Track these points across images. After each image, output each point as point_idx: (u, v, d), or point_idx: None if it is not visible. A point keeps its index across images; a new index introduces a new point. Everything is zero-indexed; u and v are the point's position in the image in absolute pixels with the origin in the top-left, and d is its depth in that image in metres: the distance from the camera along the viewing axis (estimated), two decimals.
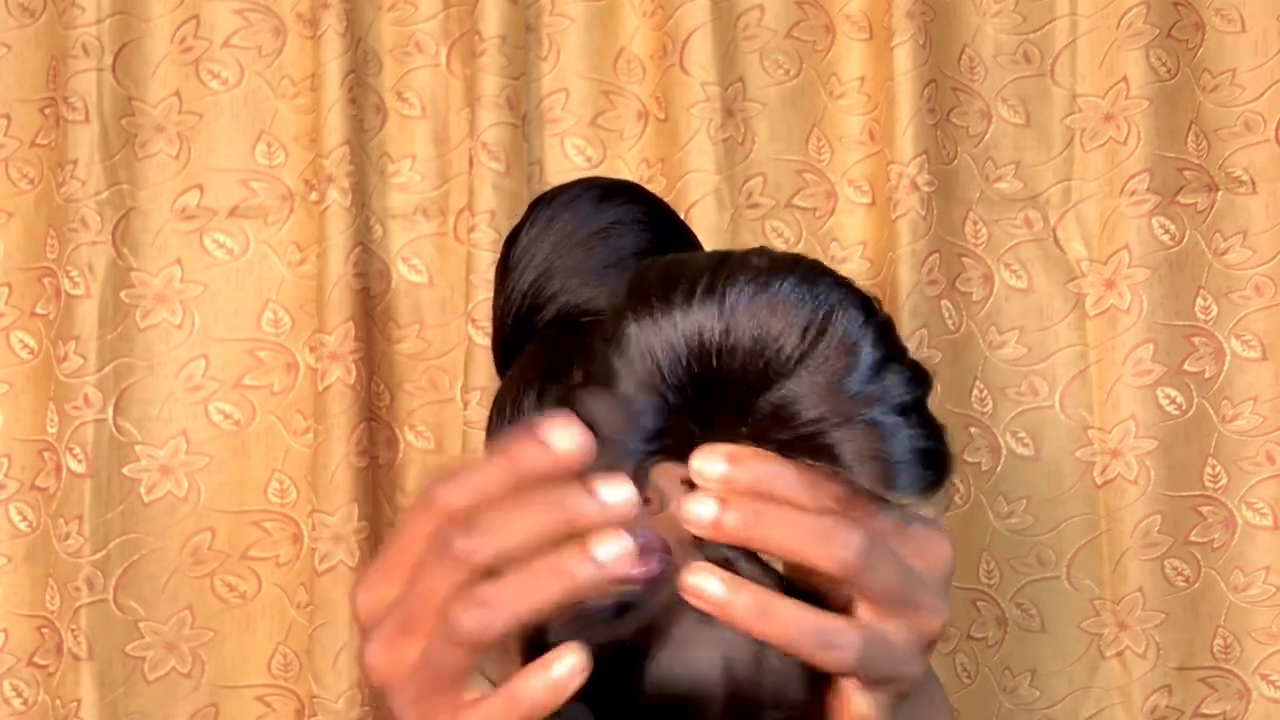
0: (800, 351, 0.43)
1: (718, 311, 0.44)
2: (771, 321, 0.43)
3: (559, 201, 0.84)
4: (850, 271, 1.24)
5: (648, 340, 0.44)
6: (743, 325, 0.43)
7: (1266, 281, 1.26)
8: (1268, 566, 1.24)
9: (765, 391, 0.43)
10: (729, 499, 0.43)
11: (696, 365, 0.44)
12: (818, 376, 0.43)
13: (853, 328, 0.44)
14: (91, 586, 1.16)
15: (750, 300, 0.43)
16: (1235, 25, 1.28)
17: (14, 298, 1.23)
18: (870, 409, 0.43)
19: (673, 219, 0.87)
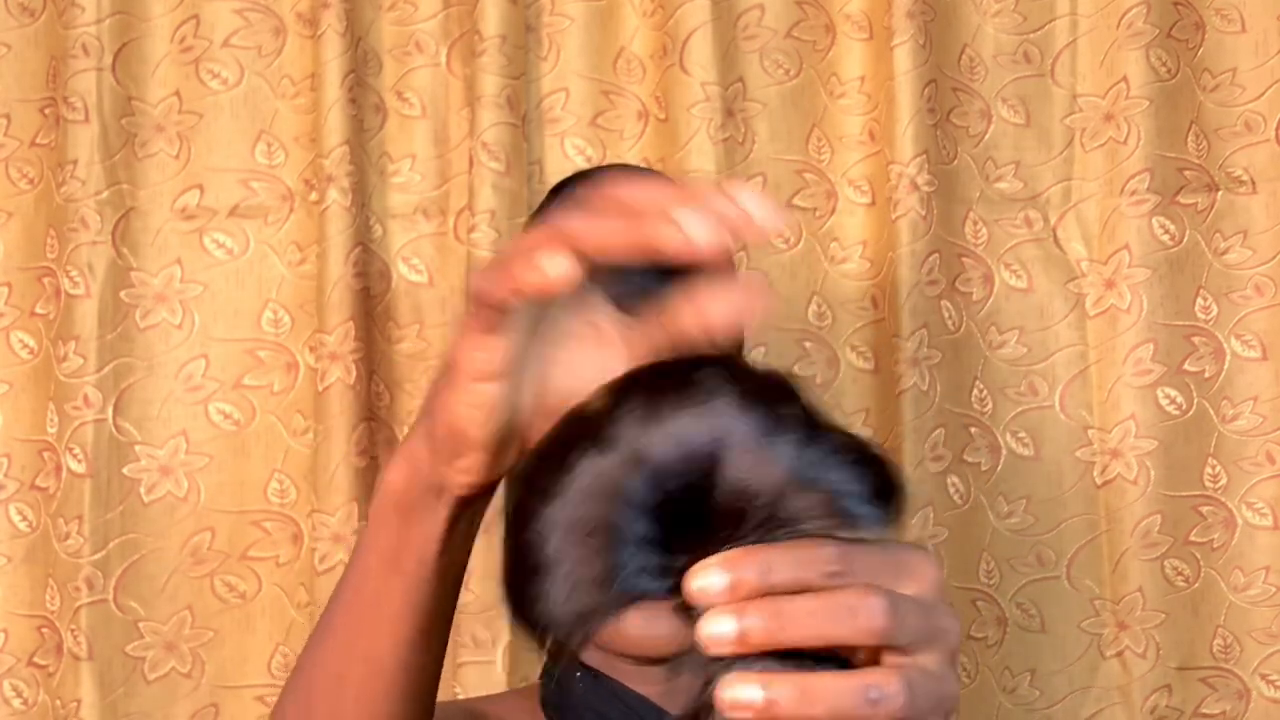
0: (715, 457, 0.42)
1: (627, 449, 0.42)
2: (675, 446, 0.42)
3: (582, 190, 0.83)
4: (850, 271, 1.25)
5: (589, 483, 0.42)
6: (657, 452, 0.42)
7: (1266, 281, 1.26)
8: (1267, 566, 1.24)
9: (707, 497, 0.42)
10: (742, 608, 0.41)
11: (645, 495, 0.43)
12: (747, 472, 0.41)
13: (752, 433, 0.42)
14: (91, 586, 1.16)
15: (650, 429, 0.42)
16: (1235, 25, 1.28)
17: (14, 297, 1.22)
18: (812, 473, 0.42)
19: None
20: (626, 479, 0.42)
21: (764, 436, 0.42)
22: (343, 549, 1.16)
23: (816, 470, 0.42)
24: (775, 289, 1.25)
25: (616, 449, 0.42)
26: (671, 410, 0.42)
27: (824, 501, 0.42)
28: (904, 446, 1.19)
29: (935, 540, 1.19)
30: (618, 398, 0.43)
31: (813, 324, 1.25)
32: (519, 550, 0.42)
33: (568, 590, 0.41)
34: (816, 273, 1.25)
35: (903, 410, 1.19)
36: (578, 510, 0.41)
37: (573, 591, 0.41)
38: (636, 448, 0.42)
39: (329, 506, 1.16)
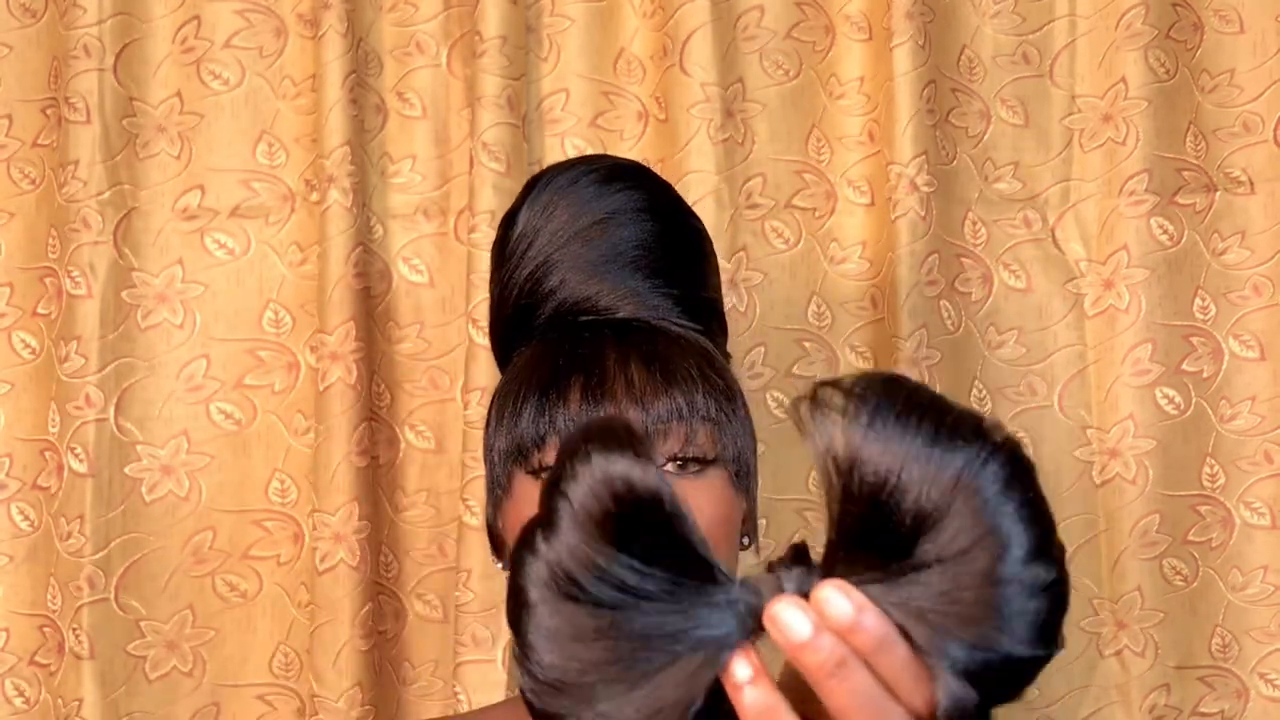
0: (935, 507, 0.43)
1: (853, 435, 0.44)
2: (907, 466, 0.43)
3: (558, 184, 0.81)
4: (849, 272, 1.25)
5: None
6: (873, 459, 0.44)
7: (1265, 281, 1.26)
8: (1266, 566, 1.24)
9: (900, 537, 0.43)
10: (824, 630, 0.44)
11: (833, 480, 0.45)
12: (962, 561, 0.43)
13: (998, 501, 0.43)
14: (93, 586, 1.17)
15: (883, 435, 0.43)
16: (1234, 26, 1.28)
17: (15, 298, 1.23)
18: (1008, 591, 0.43)
19: (677, 205, 0.84)
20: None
21: (1003, 497, 0.43)
22: (343, 548, 1.16)
23: (1014, 589, 0.43)
24: (775, 289, 1.25)
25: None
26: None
27: (995, 614, 0.43)
28: None
29: None
30: None
31: (812, 324, 1.25)
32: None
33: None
34: (816, 273, 1.25)
35: None
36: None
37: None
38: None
39: (330, 506, 1.16)
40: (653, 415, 0.74)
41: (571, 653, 0.43)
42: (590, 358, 0.76)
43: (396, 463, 1.23)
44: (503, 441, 0.77)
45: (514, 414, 0.77)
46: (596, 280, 0.80)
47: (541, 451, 0.75)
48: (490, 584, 1.16)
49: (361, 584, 1.16)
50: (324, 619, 1.16)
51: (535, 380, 0.77)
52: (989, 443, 0.44)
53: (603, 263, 0.80)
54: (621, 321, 0.79)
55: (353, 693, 1.16)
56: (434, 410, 1.23)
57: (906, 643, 0.44)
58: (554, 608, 0.43)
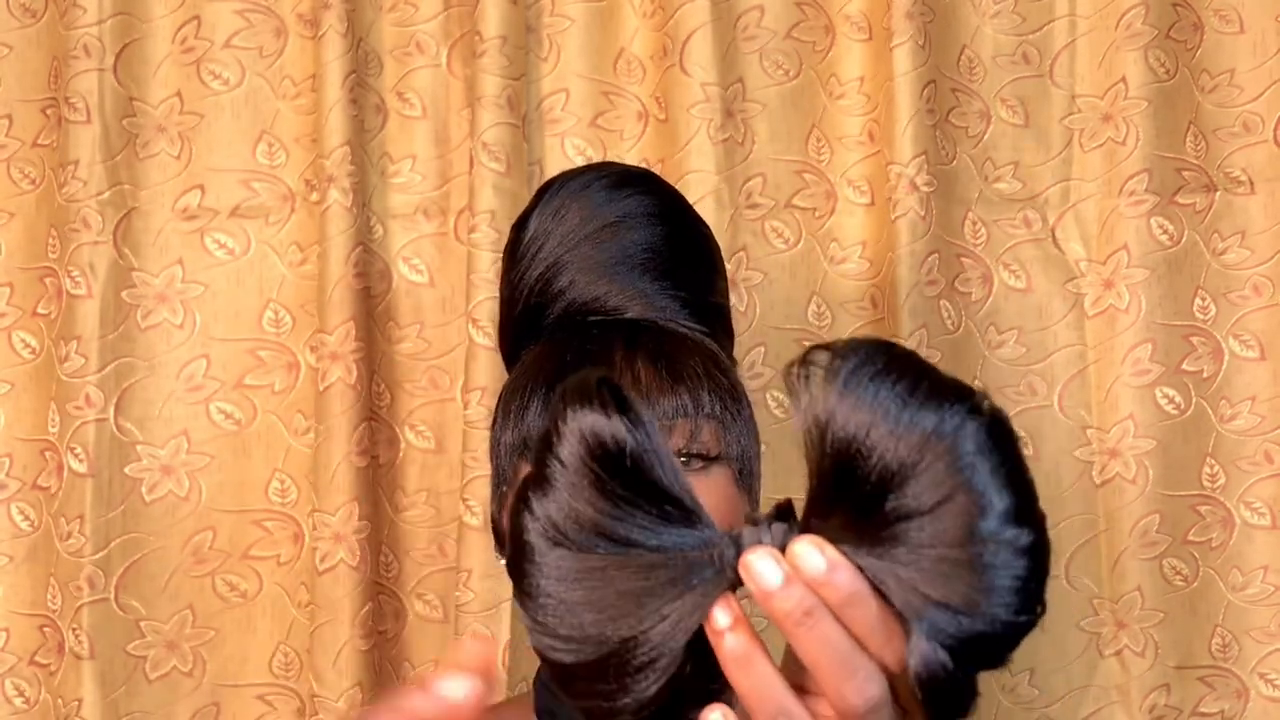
0: (902, 464, 0.44)
1: (828, 393, 0.45)
2: (875, 423, 0.44)
3: (570, 189, 0.83)
4: (849, 272, 1.25)
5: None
6: (844, 416, 0.44)
7: (1264, 281, 1.26)
8: (1266, 566, 1.24)
9: (869, 494, 0.44)
10: (794, 580, 0.45)
11: (810, 438, 0.45)
12: (936, 519, 0.43)
13: (976, 462, 0.43)
14: (93, 586, 1.17)
15: (856, 393, 0.44)
16: (1234, 26, 1.28)
17: (15, 297, 1.23)
18: (987, 551, 0.43)
19: (686, 212, 0.86)
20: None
21: (982, 455, 0.44)
22: (343, 548, 1.16)
23: (996, 550, 0.43)
24: (775, 289, 1.25)
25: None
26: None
27: (978, 575, 0.43)
28: None
29: None
30: None
31: (812, 324, 1.25)
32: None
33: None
34: (816, 273, 1.25)
35: None
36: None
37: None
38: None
39: (330, 506, 1.16)
40: (659, 411, 0.75)
41: (568, 598, 0.46)
42: (598, 354, 0.77)
43: (396, 463, 1.23)
44: (509, 435, 0.78)
45: (521, 408, 0.77)
46: (605, 281, 0.81)
47: None
48: (490, 584, 1.16)
49: (361, 584, 1.16)
50: (324, 619, 1.16)
51: (543, 376, 0.78)
52: (968, 406, 0.44)
53: (612, 264, 0.81)
54: (630, 321, 0.80)
55: (353, 693, 1.16)
56: (434, 410, 1.23)
57: (881, 601, 0.45)
58: (551, 556, 0.46)
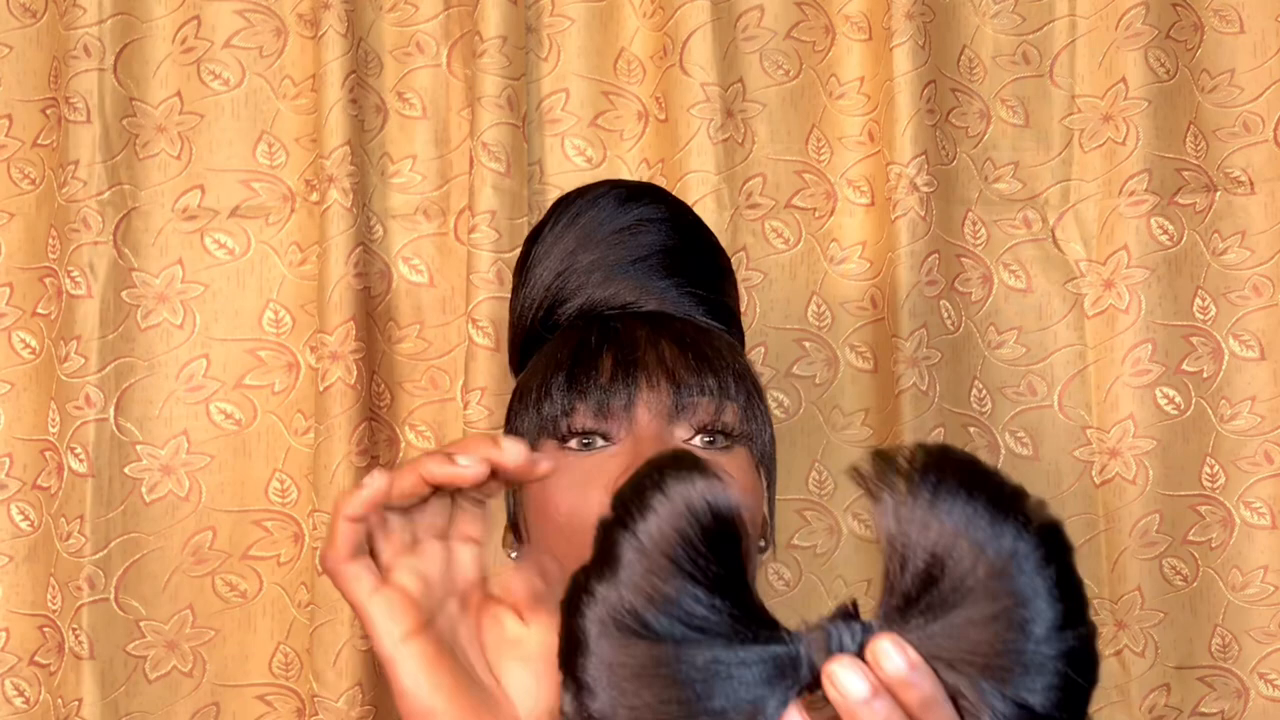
0: (975, 584, 0.45)
1: (914, 509, 0.46)
2: (955, 543, 0.45)
3: (584, 200, 0.83)
4: (849, 272, 1.25)
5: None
6: (923, 537, 0.46)
7: (1265, 281, 1.26)
8: (1266, 566, 1.24)
9: (932, 607, 0.45)
10: (880, 693, 0.46)
11: (892, 553, 0.46)
12: (995, 622, 0.45)
13: (1034, 576, 0.46)
14: (93, 586, 1.17)
15: (936, 513, 0.46)
16: (1234, 26, 1.28)
17: (15, 298, 1.23)
18: (1038, 650, 0.45)
19: (696, 222, 0.86)
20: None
21: (1040, 575, 0.46)
22: None
23: (1048, 660, 0.45)
24: (775, 289, 1.25)
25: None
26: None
27: (1035, 686, 0.45)
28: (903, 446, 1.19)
29: None
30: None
31: (812, 324, 1.25)
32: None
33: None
34: (816, 273, 1.25)
35: (902, 410, 1.19)
36: None
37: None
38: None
39: (330, 506, 1.16)
40: (684, 388, 0.74)
41: (629, 689, 0.43)
42: (622, 333, 0.76)
43: (396, 463, 1.23)
44: (528, 421, 0.77)
45: (542, 393, 0.76)
46: (619, 280, 0.80)
47: (570, 418, 0.74)
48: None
49: None
50: (324, 619, 1.16)
51: (563, 361, 0.76)
52: (1030, 520, 0.47)
53: (627, 264, 0.81)
54: (651, 312, 0.79)
55: (353, 693, 1.16)
56: (434, 410, 1.23)
57: (954, 706, 0.46)
58: (615, 644, 0.43)
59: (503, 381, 1.18)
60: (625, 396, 0.73)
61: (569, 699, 0.45)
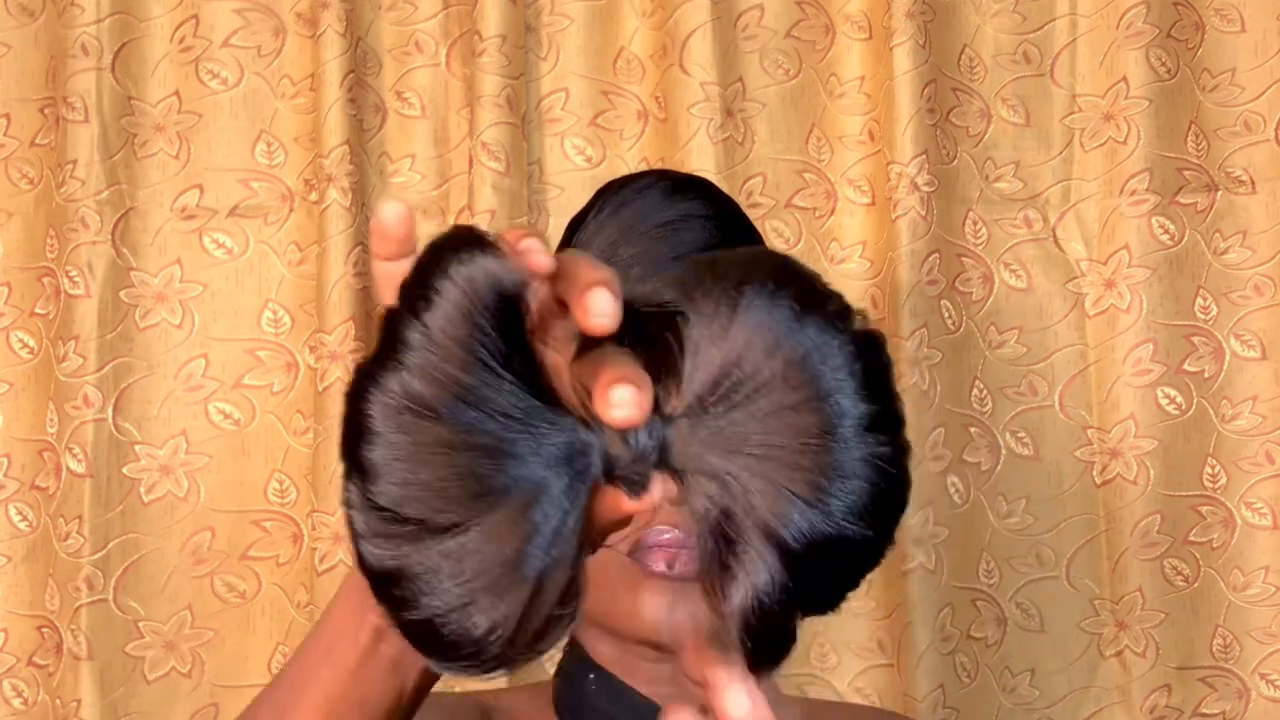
0: (772, 376, 0.42)
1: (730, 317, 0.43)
2: (752, 337, 0.43)
3: (629, 190, 0.83)
4: (850, 271, 1.25)
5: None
6: (720, 337, 0.43)
7: (1266, 281, 1.26)
8: (1267, 566, 1.24)
9: (728, 398, 0.43)
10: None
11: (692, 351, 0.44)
12: (795, 412, 0.42)
13: (838, 371, 0.42)
14: (91, 586, 1.16)
15: (737, 314, 0.43)
16: (1235, 25, 1.28)
17: (14, 297, 1.23)
18: (842, 452, 0.42)
19: (741, 218, 0.86)
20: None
21: (843, 378, 0.43)
22: (343, 549, 1.16)
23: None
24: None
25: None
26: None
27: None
28: None
29: (935, 540, 1.19)
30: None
31: None
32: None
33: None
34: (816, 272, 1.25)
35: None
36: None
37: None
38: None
39: (329, 506, 1.16)
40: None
41: (412, 470, 0.41)
42: (659, 339, 0.75)
43: None
44: None
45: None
46: (661, 275, 0.80)
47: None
48: None
49: None
50: None
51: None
52: (842, 320, 0.44)
53: (667, 261, 0.80)
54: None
55: None
56: None
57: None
58: (399, 428, 0.42)
59: None
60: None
61: (352, 487, 0.43)
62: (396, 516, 0.41)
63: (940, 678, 1.19)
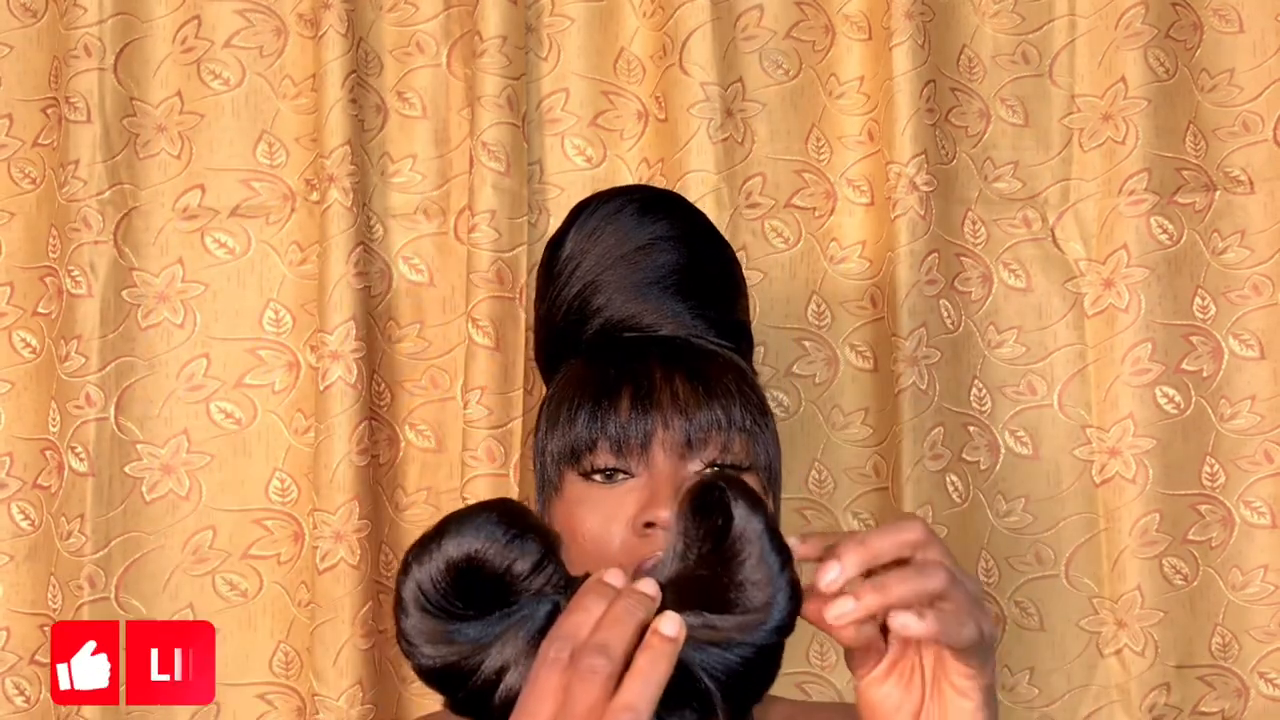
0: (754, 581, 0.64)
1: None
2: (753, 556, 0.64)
3: (602, 212, 0.89)
4: (849, 271, 1.25)
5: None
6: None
7: (1264, 280, 1.26)
8: (1265, 565, 1.24)
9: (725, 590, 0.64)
10: (850, 590, 0.62)
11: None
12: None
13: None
14: (93, 585, 1.17)
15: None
16: (1233, 25, 1.28)
17: (16, 297, 1.23)
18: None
19: (709, 234, 0.92)
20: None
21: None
22: (344, 547, 1.16)
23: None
24: (775, 288, 1.25)
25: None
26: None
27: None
28: (903, 445, 1.19)
29: None
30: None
31: (812, 323, 1.25)
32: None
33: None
34: (816, 272, 1.26)
35: (901, 409, 1.19)
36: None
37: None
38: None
39: (330, 505, 1.16)
40: (695, 424, 0.81)
41: (428, 647, 0.64)
42: (639, 370, 0.82)
43: (396, 462, 1.23)
44: (555, 444, 0.84)
45: (569, 420, 0.83)
46: (639, 301, 0.87)
47: (593, 454, 0.82)
48: None
49: (362, 583, 1.16)
50: (324, 618, 1.16)
51: (588, 390, 0.83)
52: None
53: (645, 285, 0.87)
54: (664, 339, 0.86)
55: (353, 691, 1.16)
56: (434, 409, 1.24)
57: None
58: (419, 616, 0.64)
59: (502, 380, 1.18)
60: (642, 435, 0.81)
61: (402, 644, 0.65)
62: (424, 666, 0.65)
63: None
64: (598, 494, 0.82)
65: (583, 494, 0.82)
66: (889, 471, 1.22)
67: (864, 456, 1.23)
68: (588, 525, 0.81)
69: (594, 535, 0.81)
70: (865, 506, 1.24)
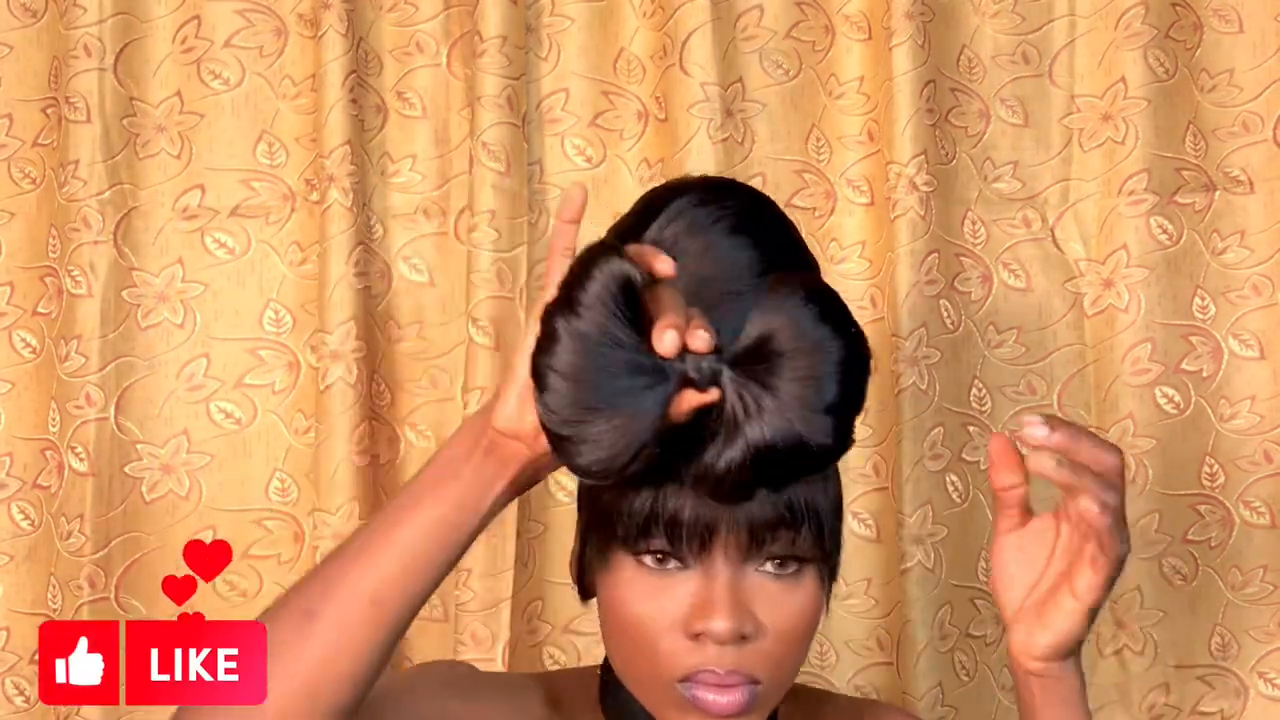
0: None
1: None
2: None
3: (695, 218, 0.78)
4: (849, 271, 1.25)
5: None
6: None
7: (1264, 281, 1.26)
8: (1265, 565, 1.24)
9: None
10: (1050, 422, 0.70)
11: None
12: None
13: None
14: (93, 585, 1.17)
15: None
16: (1233, 25, 1.28)
17: (16, 297, 1.23)
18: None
19: (787, 242, 0.85)
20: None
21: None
22: None
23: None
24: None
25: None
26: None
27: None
28: (903, 445, 1.19)
29: (934, 539, 1.20)
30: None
31: None
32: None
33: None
34: None
35: (901, 409, 1.19)
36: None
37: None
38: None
39: (330, 505, 1.16)
40: (759, 531, 0.73)
41: (576, 379, 0.67)
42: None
43: (397, 462, 1.23)
44: (603, 508, 0.76)
45: (620, 511, 0.74)
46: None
47: (647, 540, 0.74)
48: (490, 583, 1.16)
49: None
50: None
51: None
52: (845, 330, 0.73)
53: (739, 279, 0.76)
54: None
55: None
56: (434, 410, 1.24)
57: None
58: (571, 350, 0.67)
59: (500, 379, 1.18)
60: (701, 538, 0.73)
61: (537, 393, 0.67)
62: (560, 409, 0.67)
63: (939, 676, 1.19)
64: (647, 580, 0.74)
65: (633, 575, 0.74)
66: (889, 471, 1.22)
67: (864, 456, 1.23)
68: (635, 610, 0.74)
69: (640, 624, 0.74)
70: (865, 506, 1.24)
